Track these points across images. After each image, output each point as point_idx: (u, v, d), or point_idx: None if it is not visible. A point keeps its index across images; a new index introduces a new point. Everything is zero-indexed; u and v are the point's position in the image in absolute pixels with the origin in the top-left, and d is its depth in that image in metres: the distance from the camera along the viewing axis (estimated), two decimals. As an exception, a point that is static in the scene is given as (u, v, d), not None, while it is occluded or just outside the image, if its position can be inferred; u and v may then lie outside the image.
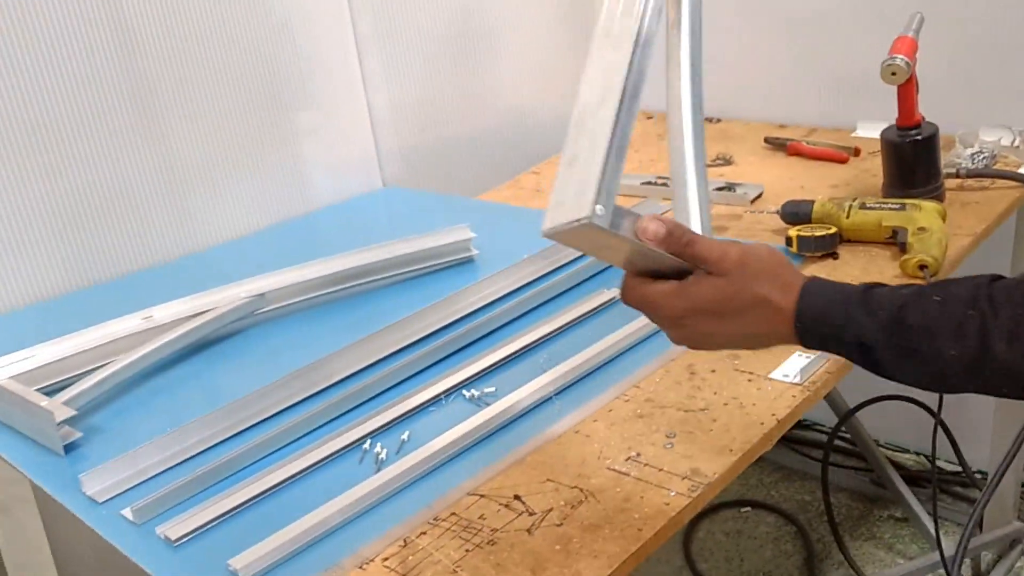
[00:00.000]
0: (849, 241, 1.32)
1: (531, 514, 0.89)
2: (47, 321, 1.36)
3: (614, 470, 0.93)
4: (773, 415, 0.98)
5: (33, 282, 1.43)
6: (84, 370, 1.17)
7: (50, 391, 1.12)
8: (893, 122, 1.40)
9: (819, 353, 1.04)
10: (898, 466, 1.93)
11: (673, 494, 0.88)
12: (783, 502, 1.99)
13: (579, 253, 1.40)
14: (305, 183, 1.73)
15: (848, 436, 1.94)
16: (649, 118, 1.97)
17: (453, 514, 0.90)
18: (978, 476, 1.92)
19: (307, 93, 1.70)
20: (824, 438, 2.02)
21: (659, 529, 0.84)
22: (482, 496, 0.92)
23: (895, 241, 1.28)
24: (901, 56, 1.32)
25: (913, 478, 1.92)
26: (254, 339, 1.30)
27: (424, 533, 0.88)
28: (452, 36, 1.85)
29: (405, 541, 0.87)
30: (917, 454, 2.02)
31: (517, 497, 0.91)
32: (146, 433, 1.06)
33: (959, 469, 1.91)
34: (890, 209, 1.30)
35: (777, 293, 0.78)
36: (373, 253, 1.39)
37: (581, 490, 0.91)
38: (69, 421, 1.05)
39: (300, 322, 1.33)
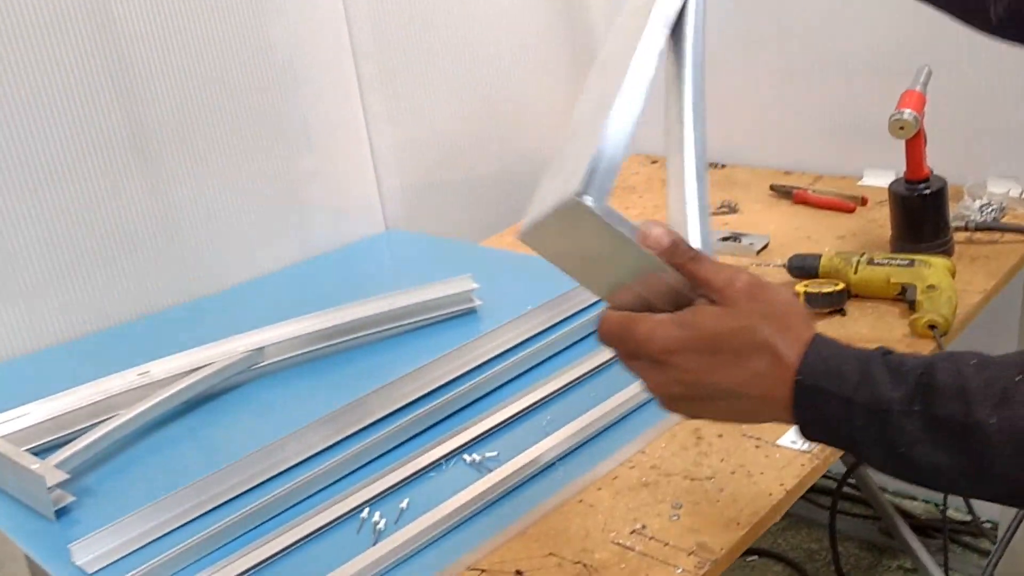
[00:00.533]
0: (857, 296, 1.30)
1: (533, 591, 0.86)
2: (43, 373, 1.34)
3: (619, 544, 0.91)
4: (782, 485, 0.96)
5: (28, 331, 1.41)
6: (79, 427, 1.15)
7: (45, 449, 1.10)
8: (900, 171, 1.38)
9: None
10: (907, 514, 1.90)
11: (679, 571, 0.86)
12: (790, 551, 1.96)
13: (583, 304, 1.38)
14: (308, 227, 1.72)
15: (856, 483, 1.91)
16: (653, 163, 1.96)
17: None
18: (987, 526, 1.89)
19: (309, 136, 1.69)
20: (832, 484, 2.00)
21: (665, 610, 0.82)
22: (483, 571, 0.89)
23: (904, 298, 1.26)
24: (909, 110, 1.30)
25: (922, 527, 1.89)
26: (251, 394, 1.27)
27: (423, 611, 0.85)
28: (456, 78, 1.84)
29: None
30: (926, 502, 2.00)
31: (519, 572, 0.88)
32: (141, 496, 1.04)
33: (969, 519, 1.88)
34: (899, 265, 1.28)
35: (783, 343, 0.65)
36: (373, 305, 1.37)
37: (585, 565, 0.88)
38: (62, 483, 1.03)
39: (298, 376, 1.31)
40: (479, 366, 1.25)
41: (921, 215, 1.37)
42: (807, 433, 0.67)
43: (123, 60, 1.43)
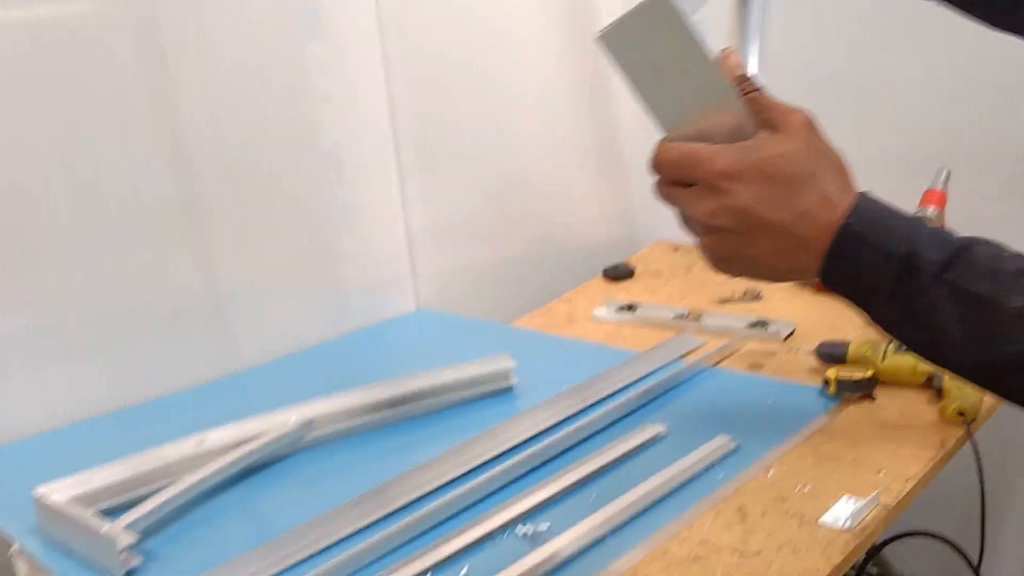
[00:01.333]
0: (885, 383, 1.36)
1: (597, 659, 0.89)
2: (95, 441, 1.38)
3: (674, 617, 0.94)
4: (828, 561, 1.00)
5: (76, 399, 1.45)
6: (141, 492, 1.18)
7: (107, 513, 1.13)
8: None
9: (870, 496, 1.07)
10: (921, 603, 1.92)
11: (737, 643, 0.89)
12: (806, 637, 1.97)
13: (620, 384, 1.43)
14: (342, 305, 1.77)
15: (874, 573, 1.94)
16: (675, 250, 2.03)
17: (519, 657, 0.90)
18: (1002, 615, 1.91)
19: (349, 217, 1.75)
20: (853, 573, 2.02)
21: None
22: None
23: (931, 385, 1.32)
24: (932, 207, 1.38)
25: (936, 615, 1.90)
26: (298, 464, 1.31)
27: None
28: (488, 162, 1.92)
29: None
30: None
31: (582, 641, 0.92)
32: (200, 562, 1.08)
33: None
34: (925, 354, 1.34)
35: (834, 187, 0.72)
36: (417, 381, 1.42)
37: (643, 637, 0.92)
38: (129, 547, 1.06)
39: (343, 448, 1.35)
40: (522, 443, 1.29)
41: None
42: (829, 278, 0.72)
43: (179, 135, 1.50)
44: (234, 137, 1.57)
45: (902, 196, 1.50)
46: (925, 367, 1.33)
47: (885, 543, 1.75)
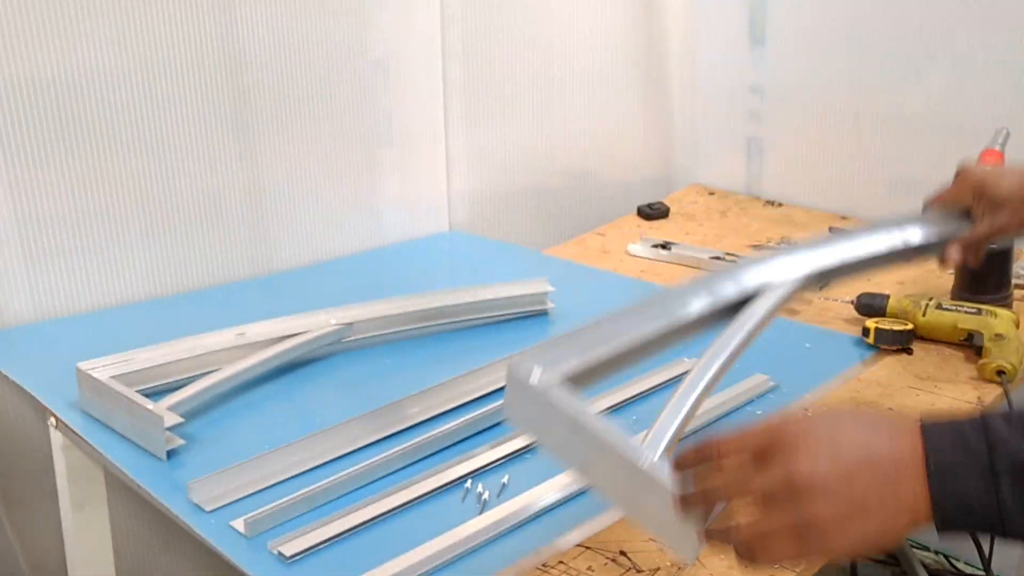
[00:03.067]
0: (922, 339, 1.36)
1: (639, 571, 0.91)
2: (133, 325, 1.38)
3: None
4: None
5: (117, 285, 1.45)
6: (180, 378, 1.19)
7: (148, 395, 1.14)
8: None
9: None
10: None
11: (776, 567, 0.91)
12: (802, 586, 2.00)
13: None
14: (379, 218, 1.77)
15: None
16: (711, 194, 2.03)
17: (561, 562, 0.91)
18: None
19: (392, 131, 1.74)
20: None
21: (768, 600, 0.87)
22: (587, 548, 0.93)
23: (970, 344, 1.32)
24: (990, 167, 1.37)
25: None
26: (336, 366, 1.32)
27: (536, 579, 0.89)
28: (532, 90, 1.90)
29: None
30: (937, 553, 2.05)
31: (623, 553, 0.93)
32: (242, 447, 1.08)
33: (979, 572, 1.93)
34: (966, 312, 1.34)
35: (889, 422, 0.64)
36: (456, 295, 1.42)
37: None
38: (171, 428, 1.07)
39: (379, 354, 1.35)
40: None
41: (987, 269, 1.42)
42: (948, 521, 0.61)
43: (233, 36, 1.49)
44: (286, 39, 1.55)
45: (942, 156, 1.48)
46: (965, 325, 1.33)
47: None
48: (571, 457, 0.77)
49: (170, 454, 1.07)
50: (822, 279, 0.98)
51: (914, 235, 1.02)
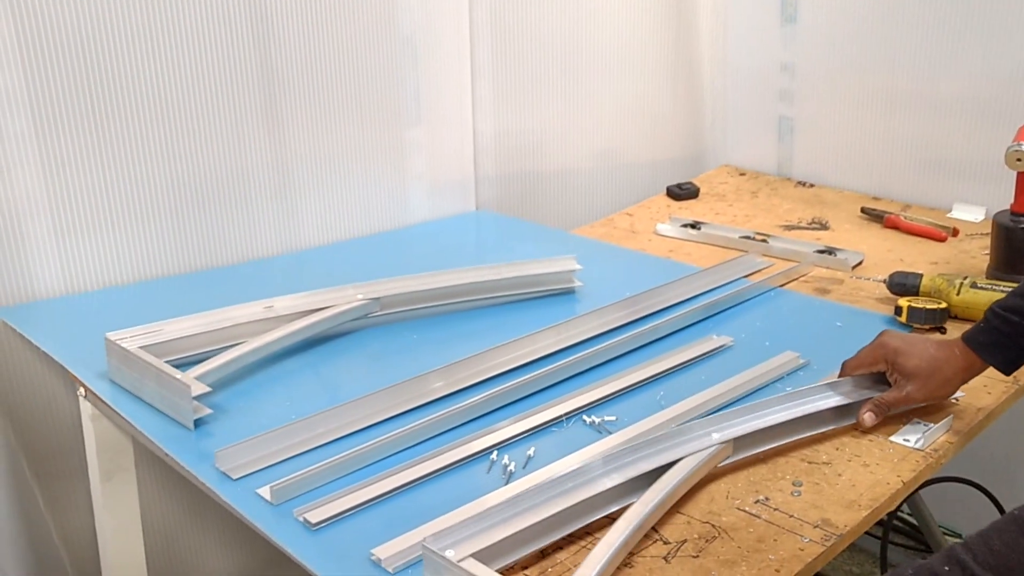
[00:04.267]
0: (956, 318, 1.34)
1: (666, 543, 0.90)
2: (161, 299, 1.39)
3: (744, 511, 0.94)
4: (898, 477, 0.99)
5: (146, 259, 1.46)
6: (207, 350, 1.19)
7: (176, 366, 1.14)
8: (991, 209, 1.42)
9: (941, 422, 1.06)
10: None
11: (807, 540, 0.90)
12: (831, 571, 1.99)
13: (686, 295, 1.43)
14: (406, 198, 1.76)
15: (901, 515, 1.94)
16: (742, 174, 2.01)
17: (587, 533, 0.91)
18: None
19: (420, 110, 1.73)
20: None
21: (797, 573, 0.86)
22: (614, 519, 0.93)
23: (1005, 323, 1.30)
24: (1026, 143, 1.34)
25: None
26: (363, 340, 1.32)
27: (561, 548, 0.89)
28: (561, 69, 1.89)
29: (543, 553, 0.88)
30: (967, 540, 2.02)
31: (652, 528, 0.92)
32: (269, 417, 1.09)
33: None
34: (1002, 291, 1.32)
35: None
36: (483, 272, 1.41)
37: (713, 526, 0.92)
38: (198, 397, 1.07)
39: (406, 330, 1.35)
40: (591, 339, 1.29)
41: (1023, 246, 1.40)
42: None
43: (263, 12, 1.49)
44: (316, 14, 1.54)
45: (975, 137, 1.46)
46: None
47: (921, 486, 1.76)
48: None
49: (197, 424, 1.07)
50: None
51: (828, 400, 1.09)
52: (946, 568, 0.71)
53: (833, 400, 1.09)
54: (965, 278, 1.36)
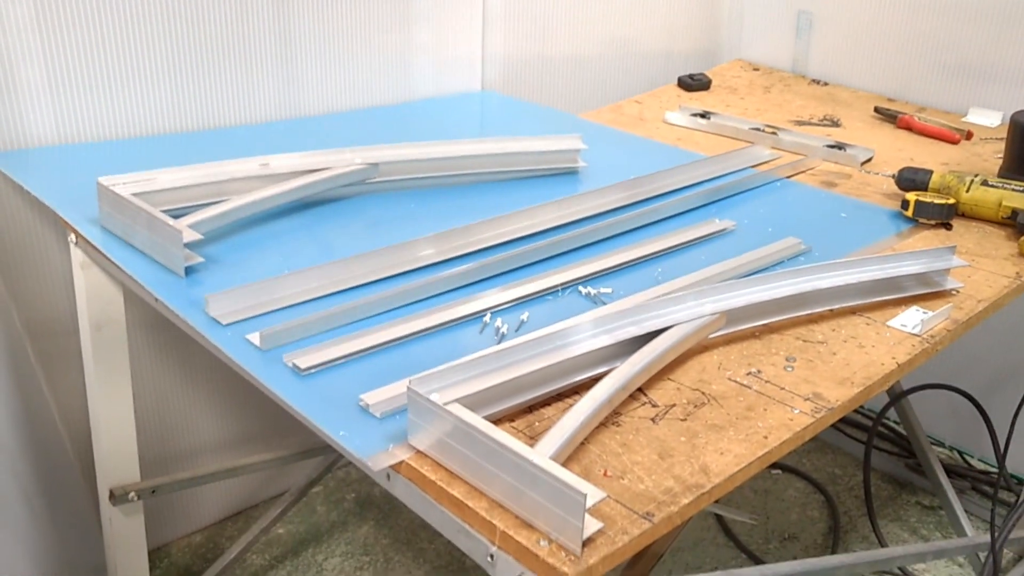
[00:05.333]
0: (963, 215, 1.32)
1: (654, 406, 0.89)
2: (156, 153, 1.37)
3: (735, 381, 0.94)
4: (893, 359, 0.99)
5: (143, 115, 1.43)
6: (200, 202, 1.17)
7: (170, 215, 1.12)
8: (1007, 114, 1.38)
9: (940, 309, 1.05)
10: (932, 457, 1.94)
11: (796, 411, 0.89)
12: (814, 471, 2.01)
13: (691, 180, 1.40)
14: (410, 71, 1.72)
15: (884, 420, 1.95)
16: (756, 70, 1.96)
17: (575, 392, 0.90)
18: (1013, 480, 1.93)
19: (428, -20, 1.68)
20: (861, 418, 2.04)
21: (784, 440, 0.85)
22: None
23: (1013, 222, 1.28)
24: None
25: (946, 470, 1.93)
26: (361, 206, 1.30)
27: (548, 404, 0.88)
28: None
29: (530, 408, 0.88)
30: (951, 449, 2.04)
31: (640, 390, 0.91)
32: (261, 271, 1.08)
33: (992, 469, 1.92)
34: (1013, 190, 1.29)
35: None
36: (486, 145, 1.39)
37: (703, 393, 0.92)
38: (190, 246, 1.05)
39: (405, 199, 1.33)
40: (592, 216, 1.27)
41: (1038, 148, 1.37)
42: None
43: None
44: None
45: (995, 41, 1.41)
46: (1010, 203, 1.28)
47: (909, 391, 1.76)
48: None
49: (188, 271, 1.06)
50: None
51: (826, 280, 1.06)
52: None
53: (830, 280, 1.07)
54: (976, 176, 1.33)
